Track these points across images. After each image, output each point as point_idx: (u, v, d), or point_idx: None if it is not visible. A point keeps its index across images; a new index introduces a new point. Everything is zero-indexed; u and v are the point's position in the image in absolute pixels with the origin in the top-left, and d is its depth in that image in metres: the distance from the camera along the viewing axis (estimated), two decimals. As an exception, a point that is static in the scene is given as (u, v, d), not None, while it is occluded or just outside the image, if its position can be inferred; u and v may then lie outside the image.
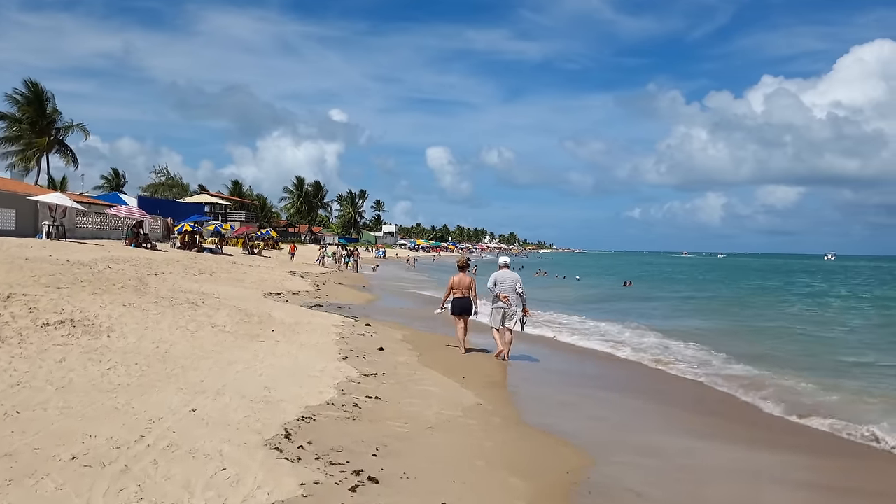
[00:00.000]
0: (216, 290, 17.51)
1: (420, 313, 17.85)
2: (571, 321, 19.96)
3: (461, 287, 11.31)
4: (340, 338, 11.31)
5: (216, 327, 10.39)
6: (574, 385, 10.03)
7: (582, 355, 13.40)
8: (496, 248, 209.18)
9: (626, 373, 11.60)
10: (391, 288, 31.21)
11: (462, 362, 10.90)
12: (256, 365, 8.32)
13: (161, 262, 23.24)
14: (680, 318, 22.30)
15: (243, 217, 76.86)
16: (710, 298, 34.28)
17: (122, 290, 12.28)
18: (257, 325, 11.34)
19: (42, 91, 46.58)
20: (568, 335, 16.35)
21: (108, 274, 15.26)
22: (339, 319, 14.47)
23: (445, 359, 10.93)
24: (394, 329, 13.91)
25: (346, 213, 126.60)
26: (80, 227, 35.65)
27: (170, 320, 10.18)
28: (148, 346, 8.44)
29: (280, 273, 29.42)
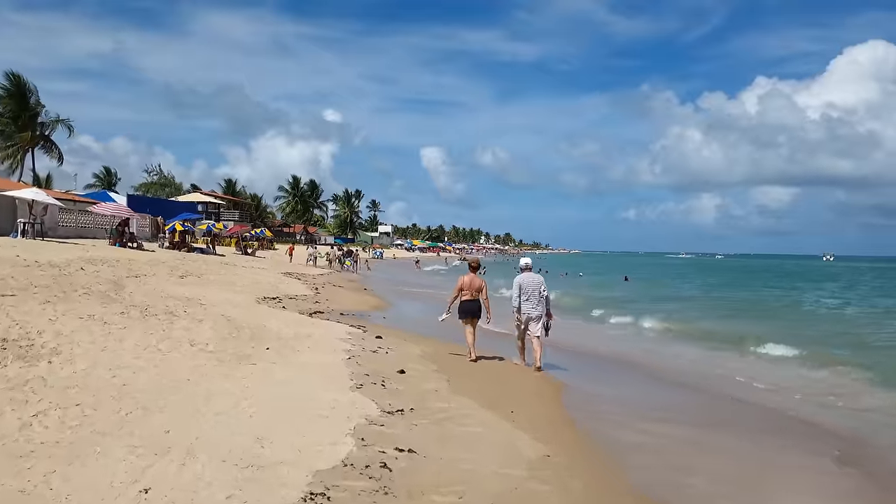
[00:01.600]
0: (203, 295, 15.42)
1: (435, 321, 15.81)
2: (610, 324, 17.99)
3: (471, 289, 10.43)
4: (350, 356, 9.23)
5: (196, 345, 8.30)
6: (657, 419, 7.93)
7: (639, 371, 11.37)
8: (492, 249, 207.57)
9: (703, 399, 9.56)
10: (396, 290, 29.10)
11: (500, 386, 8.89)
12: (245, 400, 6.25)
13: (145, 263, 21.12)
14: (733, 322, 20.29)
15: (237, 217, 74.66)
16: (754, 303, 32.31)
17: (84, 297, 10.18)
18: (248, 340, 9.25)
19: (24, 83, 44.26)
20: (614, 343, 14.33)
21: (77, 277, 13.14)
22: (345, 330, 12.40)
23: (481, 382, 8.90)
24: (409, 342, 11.85)
25: (342, 213, 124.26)
26: (63, 225, 33.44)
27: (137, 337, 8.09)
28: (101, 376, 6.36)
29: (275, 275, 27.31)
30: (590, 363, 12.39)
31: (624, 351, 14.10)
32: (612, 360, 12.83)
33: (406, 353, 10.37)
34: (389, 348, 10.52)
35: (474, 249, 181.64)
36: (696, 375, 11.41)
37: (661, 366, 12.31)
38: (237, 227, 52.08)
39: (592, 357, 13.08)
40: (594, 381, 10.34)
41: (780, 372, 12.00)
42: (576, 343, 14.73)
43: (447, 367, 9.53)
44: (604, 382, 10.31)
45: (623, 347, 14.69)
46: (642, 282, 46.15)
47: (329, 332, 11.78)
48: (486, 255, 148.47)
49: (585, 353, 13.45)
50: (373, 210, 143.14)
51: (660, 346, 15.28)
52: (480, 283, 10.54)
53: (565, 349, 13.50)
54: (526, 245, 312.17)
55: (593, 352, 13.82)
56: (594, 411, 7.93)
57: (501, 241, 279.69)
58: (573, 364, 11.91)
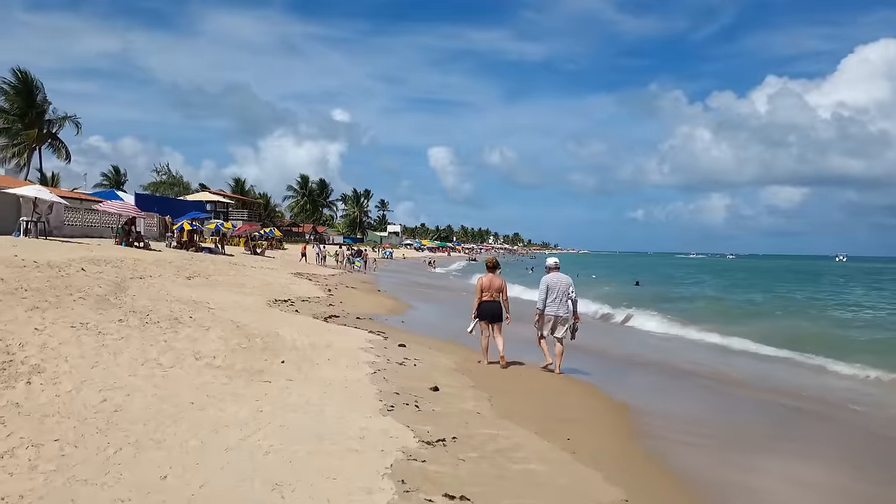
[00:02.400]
0: (211, 298, 14.43)
1: (460, 325, 14.75)
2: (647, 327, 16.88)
3: (491, 289, 9.89)
4: (375, 370, 8.18)
5: (202, 359, 7.28)
6: (759, 449, 6.82)
7: (704, 382, 10.26)
8: (501, 249, 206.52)
9: (808, 420, 8.43)
10: (410, 291, 28.05)
11: (546, 404, 7.83)
12: (259, 431, 5.21)
13: (151, 263, 20.18)
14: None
15: (246, 216, 73.82)
16: (795, 305, 31.07)
17: (79, 302, 9.18)
18: (260, 352, 8.22)
19: (31, 80, 43.48)
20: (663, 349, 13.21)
21: (75, 279, 12.18)
22: (365, 337, 11.37)
23: (524, 400, 7.86)
24: (437, 351, 10.81)
25: (351, 213, 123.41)
26: (69, 224, 32.63)
27: (135, 350, 7.07)
28: (88, 400, 5.34)
29: (286, 275, 26.34)
30: (640, 373, 11.28)
31: (675, 358, 12.99)
32: (665, 369, 11.68)
33: (435, 365, 9.32)
34: (416, 359, 9.47)
35: (483, 249, 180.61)
36: (779, 388, 10.25)
37: (730, 376, 11.20)
38: (246, 227, 51.13)
39: (640, 365, 11.96)
40: (655, 396, 9.20)
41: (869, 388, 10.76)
42: (616, 349, 13.65)
43: (483, 382, 8.48)
44: (668, 398, 9.18)
45: (673, 355, 13.58)
46: (656, 285, 44.68)
47: (348, 339, 10.75)
48: (496, 256, 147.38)
49: (635, 363, 12.34)
50: (382, 210, 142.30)
51: (713, 355, 14.14)
52: (500, 283, 9.99)
53: (605, 356, 12.45)
54: (535, 245, 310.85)
55: (641, 359, 12.70)
56: (670, 438, 6.82)
57: (510, 241, 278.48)
58: (623, 375, 10.87)
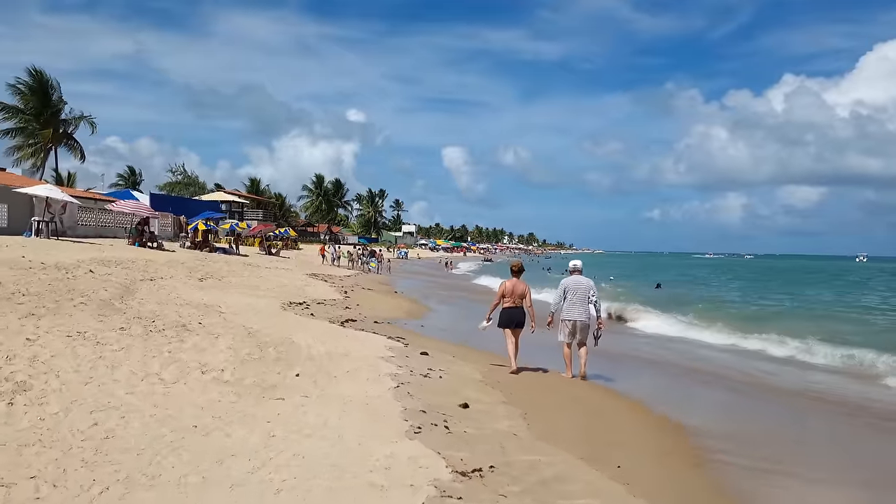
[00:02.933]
0: (223, 301, 13.83)
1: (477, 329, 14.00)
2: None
3: (513, 295, 9.57)
4: (398, 383, 7.47)
5: (209, 372, 6.61)
6: (861, 483, 6.02)
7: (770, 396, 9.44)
8: (516, 249, 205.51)
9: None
10: (427, 293, 27.35)
11: (587, 422, 7.10)
12: (270, 462, 4.52)
13: (163, 264, 19.66)
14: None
15: (261, 216, 73.65)
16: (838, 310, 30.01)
17: (79, 308, 8.56)
18: (273, 363, 7.54)
19: (47, 80, 43.35)
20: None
21: (80, 282, 11.60)
22: (384, 344, 10.68)
23: (562, 417, 7.14)
24: (461, 360, 10.08)
25: (365, 213, 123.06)
26: (82, 224, 32.36)
27: (135, 362, 6.42)
28: (77, 424, 4.69)
29: (301, 276, 25.75)
30: (677, 382, 10.48)
31: (712, 366, 12.16)
32: (704, 378, 10.87)
33: (461, 377, 8.60)
34: (441, 370, 8.75)
35: (497, 249, 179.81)
36: (844, 400, 9.41)
37: (777, 386, 10.37)
38: (261, 227, 50.74)
39: (674, 374, 11.15)
40: (701, 409, 8.43)
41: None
42: (646, 356, 12.86)
43: (515, 397, 7.74)
44: (716, 411, 8.40)
45: (709, 362, 12.75)
46: (677, 287, 43.55)
47: (367, 347, 10.06)
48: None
49: (668, 371, 11.55)
50: (396, 210, 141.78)
51: (751, 362, 13.29)
52: (524, 288, 9.65)
53: (634, 362, 11.67)
54: (550, 245, 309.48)
55: (675, 367, 11.89)
56: (735, 464, 6.02)
57: (525, 241, 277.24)
58: (658, 385, 10.07)
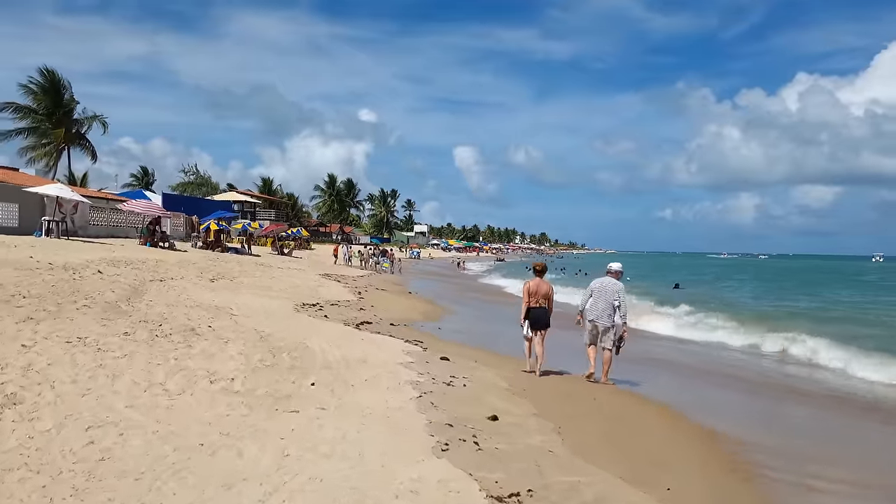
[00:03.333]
0: (234, 303, 13.39)
1: (502, 333, 13.48)
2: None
3: (538, 295, 9.39)
4: (420, 393, 6.96)
5: (218, 381, 6.12)
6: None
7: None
8: (527, 249, 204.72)
9: None
10: (442, 293, 26.82)
11: (625, 435, 6.55)
12: (283, 487, 4.01)
13: (174, 264, 19.29)
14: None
15: (273, 216, 73.46)
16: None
17: (82, 311, 8.11)
18: (287, 371, 7.04)
19: (58, 79, 43.24)
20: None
21: (87, 283, 11.19)
22: (402, 348, 10.18)
23: (598, 430, 6.59)
24: (484, 366, 9.55)
25: (378, 213, 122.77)
26: (94, 224, 32.11)
27: (138, 371, 5.95)
28: (70, 442, 4.21)
29: (314, 277, 25.32)
30: (712, 388, 9.90)
31: (748, 371, 11.57)
32: (741, 384, 10.29)
33: (486, 384, 8.07)
34: (464, 377, 8.23)
35: (510, 249, 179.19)
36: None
37: (820, 392, 9.76)
38: (273, 227, 50.46)
39: (708, 380, 10.57)
40: (747, 419, 7.83)
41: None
42: (674, 359, 12.28)
43: (545, 407, 7.21)
44: (765, 422, 7.80)
45: (744, 366, 12.15)
46: (696, 287, 42.74)
47: (384, 351, 9.55)
48: (523, 255, 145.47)
49: (702, 376, 10.96)
50: (408, 210, 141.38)
51: (788, 367, 12.67)
52: (547, 288, 9.50)
53: (660, 365, 11.08)
54: (562, 245, 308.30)
55: (708, 371, 11.31)
56: (787, 482, 5.47)
57: (537, 241, 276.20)
58: (697, 392, 9.49)
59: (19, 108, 42.82)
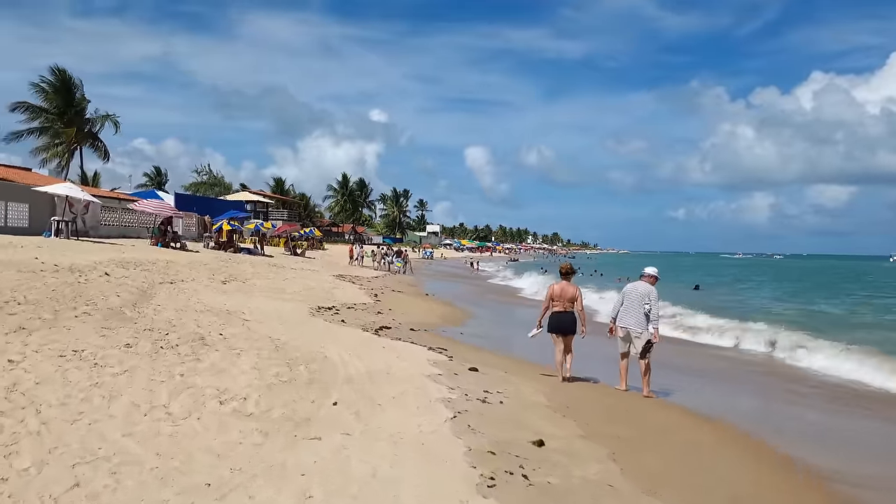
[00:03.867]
0: (247, 306, 12.74)
1: (527, 338, 12.64)
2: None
3: (563, 298, 8.97)
4: (454, 412, 6.21)
5: (228, 402, 5.40)
6: None
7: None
8: (540, 249, 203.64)
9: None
10: (460, 294, 26.05)
11: (691, 461, 5.77)
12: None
13: (185, 265, 18.69)
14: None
15: (285, 216, 73.01)
16: None
17: (82, 318, 7.44)
18: (305, 387, 6.32)
19: (70, 78, 42.91)
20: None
21: (91, 286, 10.55)
22: (426, 357, 9.46)
23: (657, 455, 5.81)
24: (516, 376, 8.79)
25: (390, 213, 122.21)
26: (106, 224, 31.68)
27: (138, 391, 5.25)
28: (51, 486, 3.50)
29: (328, 278, 24.66)
30: (769, 401, 9.07)
31: (801, 381, 10.71)
32: (792, 394, 9.47)
33: (523, 400, 7.32)
34: (498, 391, 7.48)
35: (522, 249, 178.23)
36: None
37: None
38: (286, 227, 49.93)
39: (756, 388, 9.74)
40: (819, 439, 6.99)
41: None
42: (713, 368, 11.47)
43: (592, 427, 6.45)
44: (834, 442, 6.97)
45: (791, 375, 11.29)
46: (716, 289, 41.62)
47: (408, 361, 8.82)
48: (535, 255, 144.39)
49: (752, 387, 10.14)
50: (420, 210, 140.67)
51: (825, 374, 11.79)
52: (574, 291, 9.02)
53: (702, 373, 10.26)
54: (574, 245, 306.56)
55: (750, 379, 10.48)
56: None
57: (549, 241, 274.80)
58: (752, 406, 8.66)
59: (31, 107, 42.54)
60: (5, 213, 25.42)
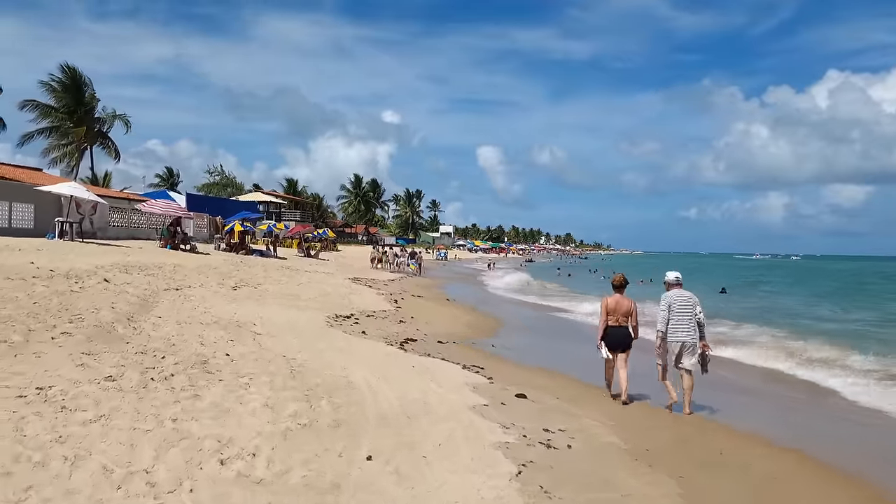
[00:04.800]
0: (258, 316, 11.54)
1: (567, 348, 11.31)
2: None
3: (618, 312, 8.44)
4: (517, 464, 4.90)
5: (231, 461, 4.12)
6: None
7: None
8: (553, 249, 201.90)
9: None
10: (482, 298, 24.71)
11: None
12: None
13: (193, 269, 17.54)
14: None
15: (298, 217, 72.03)
16: None
17: (61, 339, 6.19)
18: (330, 432, 5.02)
19: (79, 76, 42.02)
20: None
21: (87, 295, 9.36)
22: (465, 380, 8.18)
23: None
24: (572, 404, 7.49)
25: (403, 214, 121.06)
26: (114, 225, 30.63)
27: (115, 445, 3.98)
28: None
29: (343, 282, 23.43)
30: (838, 425, 7.70)
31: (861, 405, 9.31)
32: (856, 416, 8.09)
33: (594, 441, 5.99)
34: (560, 429, 6.16)
35: (535, 250, 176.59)
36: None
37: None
38: (299, 228, 48.82)
39: (822, 412, 8.36)
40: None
41: None
42: (761, 384, 10.08)
43: (689, 482, 5.12)
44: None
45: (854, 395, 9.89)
46: (742, 291, 39.80)
47: (444, 385, 7.53)
48: (548, 256, 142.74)
49: (820, 411, 8.77)
50: (433, 210, 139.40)
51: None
52: (629, 305, 8.45)
53: (753, 392, 8.87)
54: (587, 245, 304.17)
55: (812, 401, 9.09)
56: None
57: (562, 242, 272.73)
58: (827, 432, 7.29)
59: (40, 105, 41.70)
60: (9, 214, 24.40)
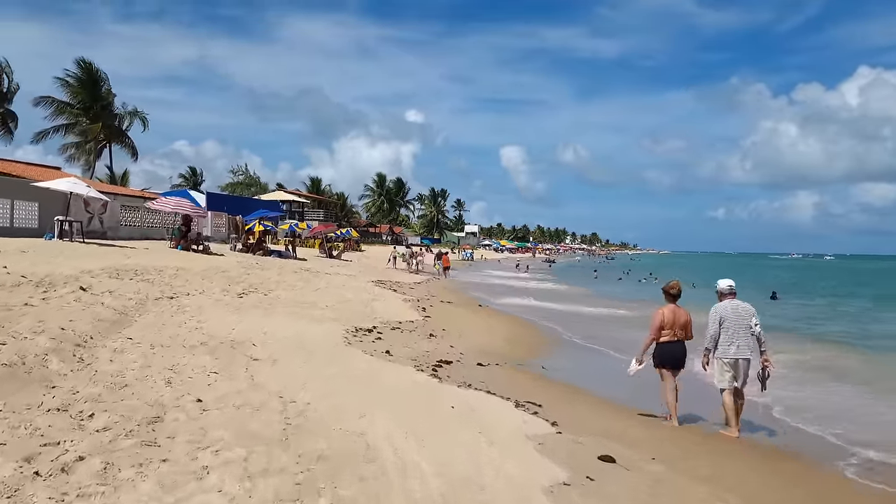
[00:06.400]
0: (262, 330, 9.58)
1: (646, 375, 9.04)
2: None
3: (675, 326, 7.51)
4: None
5: None
6: None
7: None
8: (579, 249, 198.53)
9: None
10: (518, 306, 22.48)
11: None
12: None
13: (197, 273, 15.64)
14: None
15: (321, 216, 70.54)
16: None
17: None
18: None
19: (96, 71, 40.70)
20: None
21: (44, 309, 7.42)
22: (523, 429, 6.06)
23: None
24: (673, 470, 5.34)
25: (428, 213, 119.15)
26: (126, 224, 29.05)
27: None
28: None
29: (366, 285, 21.41)
30: None
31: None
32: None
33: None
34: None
35: (561, 249, 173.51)
36: None
37: None
38: (321, 227, 47.10)
39: None
40: None
41: None
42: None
43: None
44: None
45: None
46: (796, 297, 36.74)
47: (499, 445, 5.41)
48: (573, 255, 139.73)
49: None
50: (458, 210, 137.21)
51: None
52: (686, 317, 7.71)
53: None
54: (613, 245, 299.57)
55: None
56: None
57: (588, 241, 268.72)
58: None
59: (55, 101, 40.47)
60: (11, 212, 22.81)
